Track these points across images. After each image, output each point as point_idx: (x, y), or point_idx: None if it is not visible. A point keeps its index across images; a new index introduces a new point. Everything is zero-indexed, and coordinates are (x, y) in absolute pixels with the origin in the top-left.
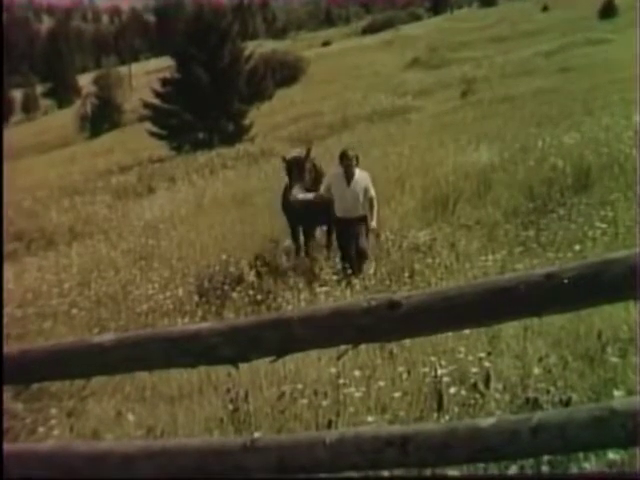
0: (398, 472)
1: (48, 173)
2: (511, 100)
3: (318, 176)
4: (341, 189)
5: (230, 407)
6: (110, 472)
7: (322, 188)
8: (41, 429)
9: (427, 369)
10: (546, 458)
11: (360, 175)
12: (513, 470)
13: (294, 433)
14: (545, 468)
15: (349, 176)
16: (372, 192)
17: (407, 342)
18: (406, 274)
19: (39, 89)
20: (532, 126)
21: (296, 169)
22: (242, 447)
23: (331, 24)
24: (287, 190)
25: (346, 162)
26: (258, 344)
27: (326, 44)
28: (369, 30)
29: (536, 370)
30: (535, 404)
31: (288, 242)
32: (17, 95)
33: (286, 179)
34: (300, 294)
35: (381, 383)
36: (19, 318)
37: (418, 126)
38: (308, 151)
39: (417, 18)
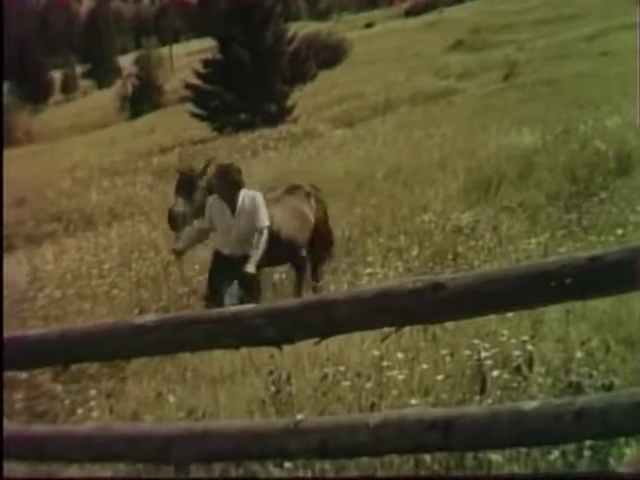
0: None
1: (88, 154)
2: (553, 83)
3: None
4: (224, 220)
5: (272, 389)
6: (150, 454)
7: (204, 222)
8: (80, 410)
9: (470, 352)
10: (588, 443)
11: (247, 197)
12: (555, 455)
13: (336, 415)
14: (587, 453)
15: (231, 202)
16: (260, 222)
17: (450, 325)
18: (449, 256)
19: (78, 70)
20: (574, 109)
21: (183, 186)
22: (284, 429)
23: (374, 6)
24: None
25: (222, 183)
26: (301, 326)
27: (369, 26)
28: (412, 12)
29: (578, 354)
30: (577, 388)
31: None
32: (56, 76)
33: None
34: (343, 276)
35: (424, 366)
36: (58, 299)
37: (461, 108)
38: (206, 165)
39: (460, 0)
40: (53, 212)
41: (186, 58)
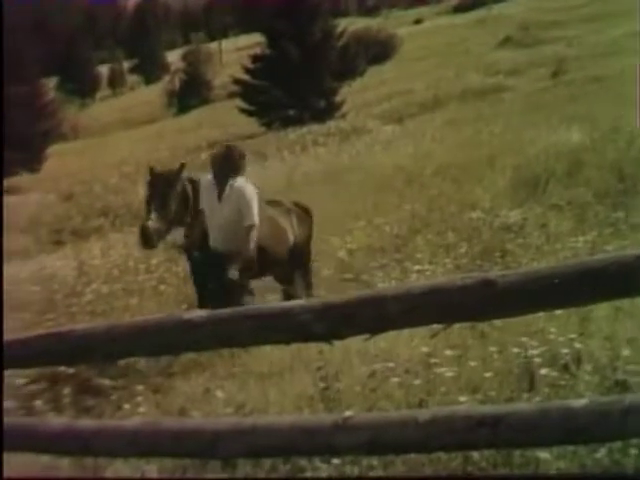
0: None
1: (135, 149)
2: (601, 80)
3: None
4: (211, 204)
5: (321, 385)
6: (198, 449)
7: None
8: (127, 406)
9: (518, 350)
10: (634, 441)
11: (236, 188)
12: (602, 453)
13: (385, 412)
14: (633, 451)
15: (220, 187)
16: (247, 220)
17: (498, 322)
18: (497, 254)
19: (126, 65)
20: (622, 106)
21: (156, 194)
22: (334, 425)
23: (423, 2)
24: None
25: (213, 167)
26: (351, 321)
27: (418, 22)
28: (461, 8)
29: (626, 352)
30: (624, 386)
31: None
32: (104, 71)
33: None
34: (392, 272)
35: (472, 363)
36: (106, 294)
37: (509, 105)
38: (182, 165)
39: None
40: (100, 207)
41: (235, 53)
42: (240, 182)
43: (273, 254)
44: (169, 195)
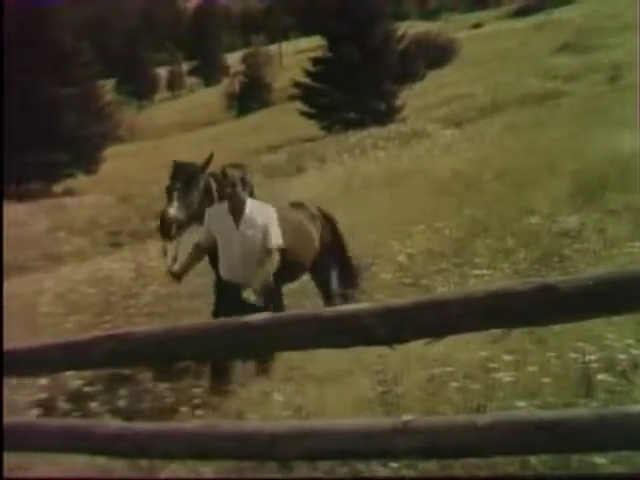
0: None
1: (193, 151)
2: None
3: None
4: (227, 232)
5: (379, 389)
6: (256, 452)
7: (200, 236)
8: (184, 409)
9: (576, 355)
10: None
11: (257, 208)
12: None
13: (445, 416)
14: None
15: (236, 211)
16: (272, 240)
17: (556, 327)
18: (555, 259)
19: (185, 67)
20: None
21: (180, 184)
22: (393, 429)
23: (483, 6)
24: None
25: (228, 188)
26: (414, 325)
27: (477, 26)
28: (520, 13)
29: None
30: None
31: None
32: (162, 73)
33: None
34: (450, 276)
35: (530, 368)
36: (164, 296)
37: (567, 110)
38: (209, 158)
39: (568, 2)
40: (158, 209)
41: (295, 56)
42: (258, 203)
43: (301, 257)
44: (192, 187)
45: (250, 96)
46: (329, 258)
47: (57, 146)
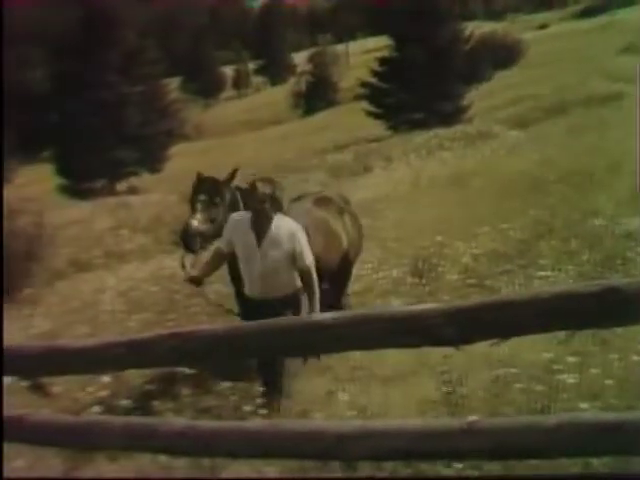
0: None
1: (260, 150)
2: None
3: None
4: (247, 248)
5: (444, 389)
6: (321, 451)
7: (221, 241)
8: (247, 408)
9: (639, 357)
10: None
11: (284, 228)
12: None
13: (510, 417)
14: None
15: (260, 228)
16: (306, 260)
17: (619, 329)
18: (618, 261)
19: (251, 66)
20: None
21: (204, 196)
22: (459, 430)
23: (548, 7)
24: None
25: (255, 204)
26: (481, 326)
27: (543, 27)
28: (585, 14)
29: None
30: None
31: None
32: (228, 72)
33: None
34: (515, 278)
35: (594, 370)
36: (226, 295)
37: (632, 112)
38: (233, 172)
39: (632, 2)
40: None
41: (362, 56)
42: (287, 221)
43: (326, 264)
44: (217, 201)
45: (316, 95)
46: (352, 254)
47: (122, 144)
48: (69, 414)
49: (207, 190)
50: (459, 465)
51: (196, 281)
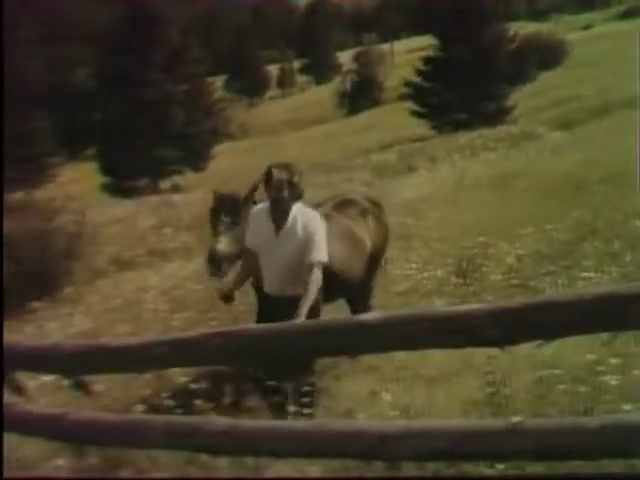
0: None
1: (304, 149)
2: None
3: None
4: (265, 239)
5: (488, 390)
6: (365, 451)
7: (247, 241)
8: (292, 407)
9: None
10: None
11: (302, 217)
12: None
13: (554, 418)
14: None
15: (278, 218)
16: (316, 255)
17: None
18: None
19: (296, 65)
20: None
21: (226, 216)
22: (504, 430)
23: (592, 8)
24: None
25: (271, 192)
26: (525, 327)
27: (587, 27)
28: (629, 14)
29: None
30: None
31: None
32: (273, 71)
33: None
34: (559, 279)
35: (636, 372)
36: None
37: None
38: (254, 187)
39: None
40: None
41: (406, 55)
42: (305, 210)
43: (349, 275)
44: (239, 219)
45: (361, 95)
46: (378, 256)
47: (166, 143)
48: (111, 413)
49: (228, 210)
50: (501, 466)
51: (227, 297)
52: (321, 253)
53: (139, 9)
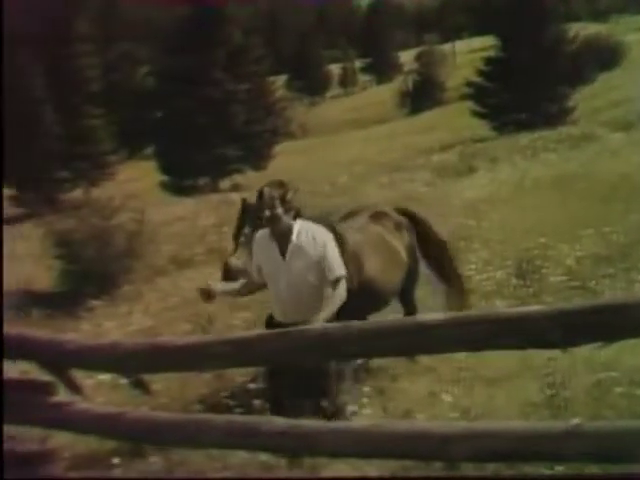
0: None
1: (365, 149)
2: None
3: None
4: (272, 263)
5: (548, 392)
6: (426, 452)
7: (252, 268)
8: (351, 407)
9: None
10: None
11: (306, 234)
12: None
13: (614, 421)
14: None
15: (280, 238)
16: (335, 270)
17: None
18: None
19: (357, 64)
20: None
21: (248, 229)
22: (564, 432)
23: None
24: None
25: (264, 211)
26: (585, 329)
27: None
28: None
29: None
30: None
31: None
32: (335, 70)
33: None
34: (617, 281)
35: None
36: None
37: None
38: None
39: None
40: (328, 206)
41: (468, 55)
42: (309, 226)
43: (387, 283)
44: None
45: (423, 94)
46: (415, 273)
47: (227, 141)
48: (169, 412)
49: (251, 220)
50: (560, 467)
51: (206, 294)
52: (339, 268)
53: (201, 8)
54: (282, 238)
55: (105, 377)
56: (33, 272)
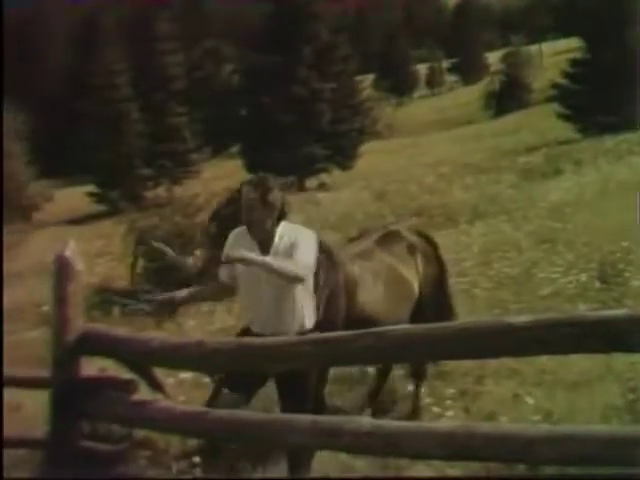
0: None
1: (451, 150)
2: None
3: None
4: (247, 273)
5: (629, 396)
6: (511, 454)
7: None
8: (435, 409)
9: None
10: None
11: (287, 236)
12: None
13: None
14: None
15: (261, 243)
16: (300, 270)
17: None
18: None
19: (444, 64)
20: None
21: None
22: None
23: None
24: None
25: (243, 214)
26: None
27: None
28: None
29: None
30: None
31: None
32: (422, 70)
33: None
34: None
35: None
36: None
37: None
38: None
39: None
40: (414, 207)
41: (554, 57)
42: (292, 228)
43: (390, 315)
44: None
45: (509, 96)
46: (428, 300)
47: (313, 140)
48: (252, 411)
49: (223, 223)
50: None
51: (172, 304)
52: (303, 268)
53: (288, 6)
54: (263, 241)
55: (187, 375)
56: (114, 270)
